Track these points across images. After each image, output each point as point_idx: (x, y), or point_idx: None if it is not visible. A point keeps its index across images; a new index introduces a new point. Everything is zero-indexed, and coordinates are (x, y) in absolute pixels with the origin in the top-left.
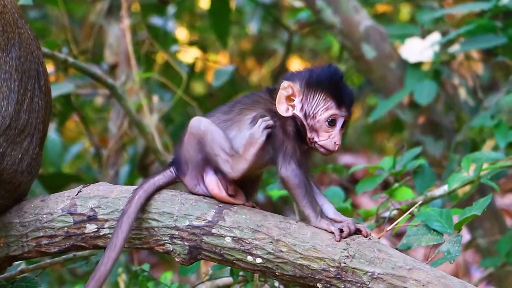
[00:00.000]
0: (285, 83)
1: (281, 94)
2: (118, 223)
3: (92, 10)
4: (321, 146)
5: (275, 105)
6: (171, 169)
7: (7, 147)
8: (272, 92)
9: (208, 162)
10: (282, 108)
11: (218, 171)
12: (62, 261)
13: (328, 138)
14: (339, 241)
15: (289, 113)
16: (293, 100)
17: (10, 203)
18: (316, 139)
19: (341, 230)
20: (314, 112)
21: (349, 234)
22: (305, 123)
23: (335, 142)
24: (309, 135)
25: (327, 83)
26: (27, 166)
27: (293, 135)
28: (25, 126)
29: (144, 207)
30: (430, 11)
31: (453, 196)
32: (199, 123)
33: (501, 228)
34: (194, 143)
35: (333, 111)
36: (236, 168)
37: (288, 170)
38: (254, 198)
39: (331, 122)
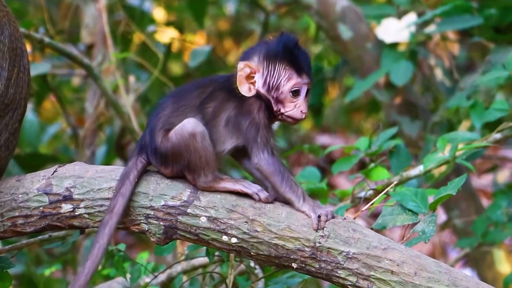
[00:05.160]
0: (240, 64)
1: (240, 76)
2: (99, 233)
3: None
4: (288, 117)
5: (237, 90)
6: (141, 159)
7: None
8: (231, 78)
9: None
10: (245, 89)
11: None
12: (38, 241)
13: (294, 108)
14: (317, 230)
15: (253, 92)
16: (253, 77)
17: None
18: (282, 110)
19: (320, 217)
20: (277, 83)
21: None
22: (269, 96)
23: (301, 111)
24: (275, 107)
25: (283, 52)
26: (5, 141)
27: (264, 120)
28: (11, 101)
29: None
30: None
31: (429, 176)
32: (195, 126)
33: (477, 209)
34: (184, 147)
35: (295, 80)
36: (206, 185)
37: (262, 159)
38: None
39: (295, 93)
